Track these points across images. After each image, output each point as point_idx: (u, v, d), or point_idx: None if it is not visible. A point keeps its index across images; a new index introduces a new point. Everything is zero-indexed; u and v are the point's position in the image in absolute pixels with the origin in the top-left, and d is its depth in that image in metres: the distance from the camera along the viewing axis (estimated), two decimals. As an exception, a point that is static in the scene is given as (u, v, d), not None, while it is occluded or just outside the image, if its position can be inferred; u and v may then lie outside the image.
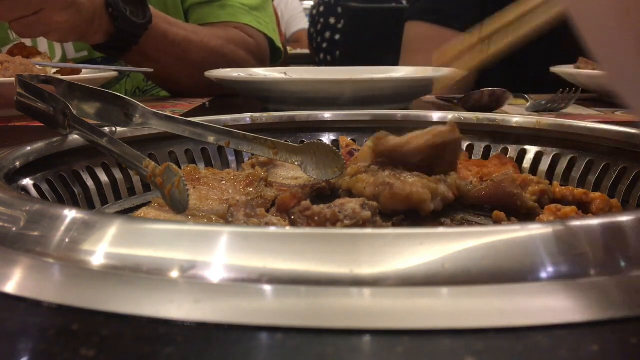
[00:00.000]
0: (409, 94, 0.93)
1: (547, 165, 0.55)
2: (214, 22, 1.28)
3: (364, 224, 0.35)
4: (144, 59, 1.12)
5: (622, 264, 0.23)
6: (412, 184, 0.40)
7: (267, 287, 0.22)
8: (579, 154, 0.54)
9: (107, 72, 1.04)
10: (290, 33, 4.53)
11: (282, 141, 0.47)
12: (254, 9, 1.32)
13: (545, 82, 1.06)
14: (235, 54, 1.24)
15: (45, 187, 0.46)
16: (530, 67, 1.25)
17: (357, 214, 0.35)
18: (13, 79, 0.50)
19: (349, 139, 0.59)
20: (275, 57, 1.40)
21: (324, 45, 3.07)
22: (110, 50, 1.09)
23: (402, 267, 0.22)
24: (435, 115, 0.62)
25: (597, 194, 0.44)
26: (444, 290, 0.22)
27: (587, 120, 0.55)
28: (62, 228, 0.26)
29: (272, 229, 0.26)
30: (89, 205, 0.49)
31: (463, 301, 0.21)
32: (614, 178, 0.50)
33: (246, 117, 0.62)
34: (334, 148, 0.45)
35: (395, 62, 1.44)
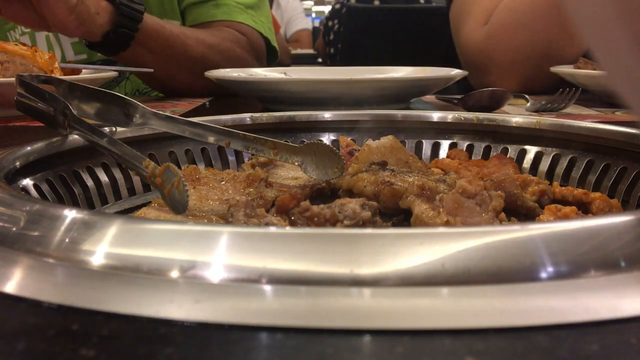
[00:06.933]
0: (409, 94, 0.93)
1: (547, 165, 0.55)
2: (210, 20, 1.28)
3: (364, 224, 0.35)
4: (147, 51, 1.11)
5: (622, 264, 0.23)
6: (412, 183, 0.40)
7: (267, 287, 0.22)
8: (579, 154, 0.54)
9: (106, 72, 1.04)
10: (291, 33, 4.53)
11: (282, 141, 0.46)
12: (249, 7, 1.32)
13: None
14: (231, 50, 1.24)
15: (45, 187, 0.46)
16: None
17: (357, 214, 0.35)
18: (13, 79, 0.50)
19: (349, 139, 0.59)
20: (271, 56, 1.40)
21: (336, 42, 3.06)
22: (115, 42, 1.05)
23: (402, 267, 0.22)
24: (435, 115, 0.62)
25: (597, 194, 0.44)
26: (444, 290, 0.22)
27: (587, 120, 0.55)
28: (62, 228, 0.26)
29: (272, 229, 0.26)
30: (89, 205, 0.49)
31: (463, 301, 0.21)
32: (614, 178, 0.50)
33: (246, 117, 0.62)
34: (334, 148, 0.45)
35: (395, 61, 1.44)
